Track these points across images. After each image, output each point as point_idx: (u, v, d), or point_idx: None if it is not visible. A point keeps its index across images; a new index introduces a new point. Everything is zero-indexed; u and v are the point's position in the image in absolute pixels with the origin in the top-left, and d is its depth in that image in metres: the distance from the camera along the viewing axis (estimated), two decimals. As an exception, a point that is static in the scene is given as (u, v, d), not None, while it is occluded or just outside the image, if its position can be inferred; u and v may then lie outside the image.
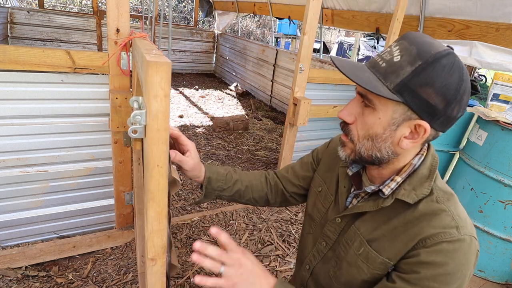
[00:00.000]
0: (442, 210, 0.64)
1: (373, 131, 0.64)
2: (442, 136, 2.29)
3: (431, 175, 0.67)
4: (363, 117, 0.65)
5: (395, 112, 0.62)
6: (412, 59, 0.59)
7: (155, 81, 0.49)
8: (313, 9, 2.05)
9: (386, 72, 0.61)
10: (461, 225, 0.63)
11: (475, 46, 2.65)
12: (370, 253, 0.70)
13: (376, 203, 0.70)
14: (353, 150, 0.69)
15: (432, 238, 0.62)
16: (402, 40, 0.62)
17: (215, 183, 0.90)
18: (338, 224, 0.79)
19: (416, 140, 0.64)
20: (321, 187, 0.90)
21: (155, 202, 0.57)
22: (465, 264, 0.61)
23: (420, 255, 0.62)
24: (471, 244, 0.62)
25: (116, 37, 1.47)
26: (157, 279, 0.64)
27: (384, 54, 0.63)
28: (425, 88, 0.58)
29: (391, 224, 0.68)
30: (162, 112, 0.52)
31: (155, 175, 0.55)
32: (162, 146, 0.54)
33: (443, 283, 0.60)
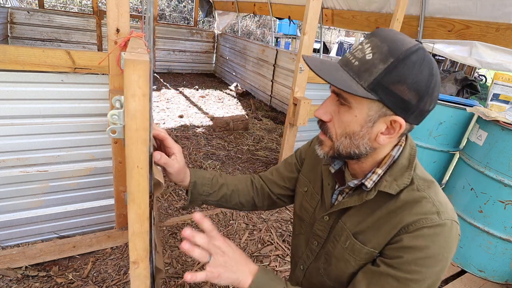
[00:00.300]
0: (423, 197, 0.66)
1: (350, 129, 0.65)
2: (442, 136, 2.29)
3: (411, 164, 0.69)
4: (339, 116, 0.66)
5: (371, 110, 0.63)
6: (384, 56, 0.59)
7: (132, 79, 0.48)
8: (313, 9, 2.05)
9: (359, 70, 0.61)
10: (441, 210, 0.64)
11: (475, 46, 2.65)
12: (356, 245, 0.71)
13: (360, 197, 0.71)
14: (331, 148, 0.70)
15: (413, 224, 0.63)
16: (372, 37, 0.62)
17: (200, 187, 0.89)
18: (326, 222, 0.80)
19: (392, 135, 0.65)
20: (306, 187, 0.91)
21: (136, 204, 0.56)
22: (446, 247, 0.62)
23: (403, 240, 0.64)
24: (452, 228, 0.64)
25: (116, 37, 1.47)
26: (140, 282, 0.63)
27: (356, 52, 0.63)
28: (398, 85, 0.59)
29: (375, 216, 0.70)
30: (141, 112, 0.50)
31: (134, 176, 0.54)
32: (141, 146, 0.52)
33: (425, 266, 0.61)
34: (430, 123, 2.29)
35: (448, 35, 2.91)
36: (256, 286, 0.67)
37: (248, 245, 2.10)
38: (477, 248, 2.00)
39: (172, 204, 2.45)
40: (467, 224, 2.02)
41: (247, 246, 2.09)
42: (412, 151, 0.71)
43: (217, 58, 7.25)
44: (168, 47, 6.64)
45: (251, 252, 2.05)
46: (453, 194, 2.16)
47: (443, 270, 0.63)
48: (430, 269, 0.62)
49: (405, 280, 0.62)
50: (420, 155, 2.38)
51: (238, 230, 2.23)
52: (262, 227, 2.28)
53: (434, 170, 2.43)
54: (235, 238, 2.15)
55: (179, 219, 2.25)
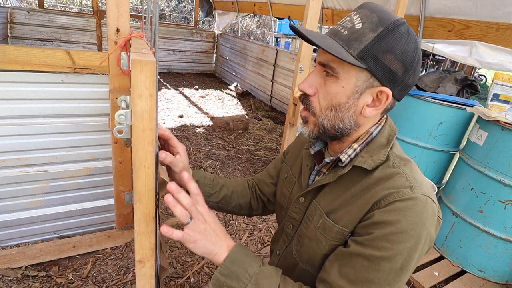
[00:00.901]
0: (397, 173, 0.64)
1: (336, 101, 0.64)
2: (442, 136, 2.29)
3: (388, 143, 0.68)
4: (325, 87, 0.65)
5: (359, 80, 0.62)
6: (374, 26, 0.59)
7: (139, 80, 0.48)
8: (313, 9, 2.05)
9: (349, 39, 0.60)
10: (415, 185, 0.62)
11: (475, 46, 2.65)
12: (327, 223, 0.69)
13: (335, 174, 0.70)
14: (315, 124, 0.68)
15: (385, 199, 0.61)
16: (361, 9, 0.62)
17: (202, 187, 0.89)
18: (302, 204, 0.78)
19: (378, 107, 0.65)
20: (286, 174, 0.90)
21: (142, 204, 0.56)
22: (419, 222, 0.59)
23: (374, 216, 0.61)
24: (426, 204, 0.61)
25: (116, 37, 1.47)
26: (146, 281, 0.63)
27: (345, 23, 0.63)
28: (386, 54, 0.60)
29: (348, 193, 0.68)
30: (148, 112, 0.51)
31: (141, 176, 0.54)
32: (148, 146, 0.53)
33: (395, 242, 0.58)
34: (430, 123, 2.29)
35: (448, 35, 2.91)
36: (231, 261, 0.63)
37: (248, 245, 2.10)
38: (477, 248, 2.00)
39: (172, 204, 2.45)
40: (467, 224, 2.02)
41: (247, 246, 2.09)
42: (392, 132, 0.70)
43: (217, 58, 7.25)
44: (168, 47, 6.64)
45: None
46: (453, 194, 2.16)
47: (416, 247, 0.59)
48: (401, 245, 0.58)
49: (375, 258, 0.59)
50: (420, 155, 2.38)
51: (238, 230, 2.23)
52: (262, 227, 2.28)
53: (434, 170, 2.43)
54: (235, 238, 2.15)
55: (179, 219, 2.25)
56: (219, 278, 0.63)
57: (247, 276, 0.63)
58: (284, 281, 0.66)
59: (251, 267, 0.64)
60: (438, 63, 8.44)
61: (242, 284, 0.62)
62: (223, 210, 0.97)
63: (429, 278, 1.97)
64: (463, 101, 2.22)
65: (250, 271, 0.64)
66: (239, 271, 0.63)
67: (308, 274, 0.75)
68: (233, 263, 0.63)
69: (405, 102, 2.38)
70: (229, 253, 0.64)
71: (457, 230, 2.10)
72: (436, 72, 2.50)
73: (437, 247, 2.25)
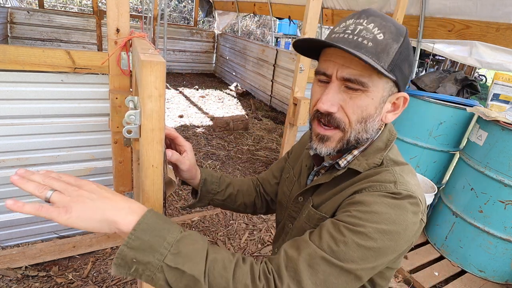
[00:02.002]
0: (385, 169, 0.65)
1: (367, 113, 0.64)
2: (442, 136, 2.29)
3: (386, 147, 0.69)
4: (351, 101, 0.62)
5: (385, 90, 0.63)
6: (395, 36, 0.60)
7: (149, 80, 0.49)
8: (313, 9, 2.04)
9: (376, 51, 0.59)
10: (400, 181, 0.62)
11: (475, 46, 2.65)
12: (310, 211, 0.72)
13: (331, 175, 0.71)
14: (341, 139, 0.66)
15: (367, 189, 0.62)
16: (371, 17, 0.61)
17: (209, 185, 0.89)
18: (300, 203, 0.80)
19: (397, 111, 0.68)
20: (288, 173, 0.91)
21: (150, 203, 0.57)
22: (396, 210, 0.58)
23: (354, 198, 0.62)
24: (408, 199, 0.60)
25: (116, 37, 1.47)
26: None
27: (362, 33, 0.59)
28: (405, 63, 0.62)
29: (338, 188, 0.69)
30: (157, 112, 0.51)
31: (150, 175, 0.55)
32: (157, 146, 0.53)
33: (368, 221, 0.57)
34: (430, 123, 2.29)
35: (448, 35, 2.91)
36: (143, 229, 0.49)
37: (248, 245, 2.10)
38: (477, 248, 2.00)
39: (172, 204, 2.45)
40: (467, 224, 2.02)
41: (247, 246, 2.09)
42: (391, 137, 0.71)
43: (217, 58, 7.25)
44: (168, 47, 6.64)
45: (251, 252, 2.04)
46: (453, 194, 2.16)
47: (392, 236, 0.56)
48: (373, 225, 0.56)
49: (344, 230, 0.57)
50: (420, 155, 2.38)
51: (238, 230, 2.23)
52: (262, 227, 2.28)
53: (434, 170, 2.43)
54: (235, 238, 2.15)
55: (179, 219, 2.25)
56: (126, 253, 0.48)
57: (165, 244, 0.49)
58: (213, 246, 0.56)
59: (170, 234, 0.51)
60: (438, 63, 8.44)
61: (159, 255, 0.49)
62: (228, 208, 0.97)
63: (429, 278, 1.97)
64: (463, 101, 2.22)
65: (169, 238, 0.50)
66: (155, 240, 0.49)
67: None
68: (145, 231, 0.49)
69: (405, 102, 2.38)
70: (139, 219, 0.50)
71: (457, 230, 2.10)
72: (436, 72, 2.50)
73: (437, 247, 2.25)
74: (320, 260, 0.55)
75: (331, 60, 0.62)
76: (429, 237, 2.35)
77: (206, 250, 0.53)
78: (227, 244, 2.09)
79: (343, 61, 0.60)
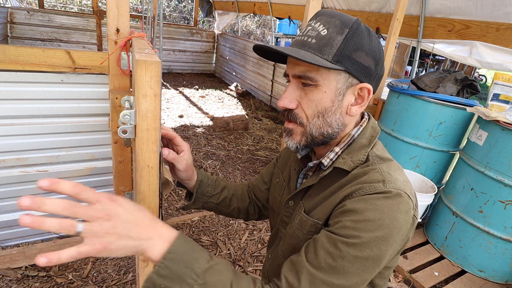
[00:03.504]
0: (372, 169, 0.65)
1: (322, 107, 0.65)
2: (442, 136, 2.29)
3: (370, 144, 0.69)
4: (306, 97, 0.65)
5: (338, 82, 0.64)
6: (339, 29, 0.62)
7: (144, 80, 0.49)
8: (313, 9, 2.04)
9: (319, 46, 0.62)
10: (388, 180, 0.62)
11: (475, 46, 2.65)
12: (303, 218, 0.71)
13: (318, 176, 0.71)
14: (303, 134, 0.68)
15: (357, 192, 0.62)
16: (319, 16, 0.64)
17: (205, 187, 0.88)
18: (291, 207, 0.79)
19: (362, 104, 0.67)
20: (278, 178, 0.90)
21: (146, 203, 0.57)
22: (389, 213, 0.58)
23: (345, 205, 0.62)
24: (398, 198, 0.60)
25: (116, 37, 1.47)
26: None
27: (308, 32, 0.64)
28: (358, 52, 0.62)
29: (328, 191, 0.69)
30: (152, 112, 0.51)
31: (145, 176, 0.54)
32: (152, 146, 0.53)
33: (362, 230, 0.57)
34: (430, 123, 2.29)
35: (448, 35, 2.91)
36: (172, 259, 0.50)
37: (248, 245, 2.10)
38: (477, 248, 2.00)
39: (172, 204, 2.45)
40: (467, 224, 2.02)
41: (247, 246, 2.09)
42: (374, 133, 0.71)
43: (217, 58, 7.25)
44: (168, 47, 6.64)
45: (251, 252, 2.04)
46: (453, 194, 2.16)
47: (386, 239, 0.57)
48: (368, 234, 0.57)
49: (340, 244, 0.57)
50: (420, 155, 2.38)
51: (238, 230, 2.23)
52: (262, 227, 2.28)
53: (434, 170, 2.43)
54: (235, 238, 2.15)
55: (179, 219, 2.25)
56: (155, 280, 0.50)
57: (193, 276, 0.51)
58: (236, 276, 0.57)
59: (198, 264, 0.52)
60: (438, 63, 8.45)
61: (186, 285, 0.51)
62: (222, 212, 0.96)
63: (429, 278, 1.97)
64: (463, 101, 2.22)
65: (197, 269, 0.52)
66: (183, 271, 0.51)
67: None
68: (174, 261, 0.50)
69: (405, 102, 2.38)
70: (169, 247, 0.51)
71: (457, 230, 2.10)
72: (436, 72, 2.50)
73: (437, 247, 2.25)
74: (322, 285, 0.57)
75: (289, 61, 0.67)
76: (429, 237, 2.35)
77: (231, 282, 0.55)
78: (227, 244, 2.09)
79: (294, 60, 0.64)
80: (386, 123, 2.60)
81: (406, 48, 6.03)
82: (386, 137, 2.56)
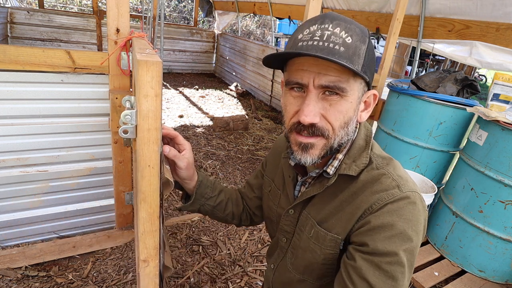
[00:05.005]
0: (382, 174, 0.65)
1: (348, 117, 0.63)
2: (442, 136, 2.29)
3: (368, 145, 0.69)
4: (332, 108, 0.61)
5: (359, 91, 0.64)
6: (361, 37, 0.60)
7: (145, 80, 0.49)
8: (313, 9, 2.04)
9: (349, 55, 0.58)
10: (401, 183, 0.63)
11: (475, 46, 2.65)
12: (320, 233, 0.70)
13: (322, 185, 0.70)
14: (325, 147, 0.65)
15: (376, 203, 0.62)
16: (335, 20, 0.60)
17: (204, 188, 0.88)
18: (292, 216, 0.78)
19: (369, 109, 0.69)
20: (270, 187, 0.89)
21: (147, 203, 0.57)
22: (414, 219, 0.61)
23: (370, 222, 0.62)
24: (416, 200, 0.62)
25: (116, 37, 1.47)
26: (149, 280, 0.63)
27: (331, 38, 0.58)
28: (372, 62, 0.63)
29: (337, 200, 0.68)
30: (153, 112, 0.51)
31: (146, 176, 0.55)
32: (153, 146, 0.53)
33: (398, 244, 0.59)
34: (430, 123, 2.29)
35: (448, 35, 2.91)
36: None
37: (248, 245, 2.10)
38: (477, 248, 2.00)
39: (172, 204, 2.45)
40: (467, 224, 2.02)
41: (247, 246, 2.09)
42: (368, 132, 0.72)
43: (217, 58, 7.25)
44: (168, 47, 6.64)
45: (251, 252, 2.05)
46: (453, 194, 2.16)
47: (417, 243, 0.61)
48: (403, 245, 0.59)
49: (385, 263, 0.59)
50: (420, 155, 2.38)
51: (238, 230, 2.23)
52: (262, 227, 2.28)
53: (434, 170, 2.43)
54: (235, 238, 2.15)
55: (179, 219, 2.25)
56: None
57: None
58: None
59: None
60: (438, 63, 8.45)
61: None
62: (216, 216, 0.95)
63: (429, 278, 1.97)
64: (463, 101, 2.22)
65: None
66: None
67: (307, 284, 0.76)
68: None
69: (405, 102, 2.38)
70: None
71: (457, 230, 2.10)
72: (436, 72, 2.50)
73: (437, 247, 2.25)
74: None
75: (305, 69, 0.60)
76: (429, 237, 2.35)
77: None
78: (227, 244, 2.09)
79: (318, 69, 0.58)
80: (386, 123, 2.60)
81: (406, 48, 6.03)
82: (386, 137, 2.55)
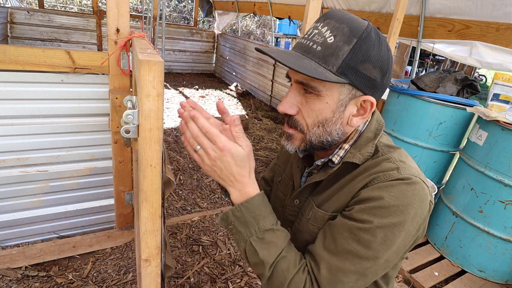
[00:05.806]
0: (384, 159, 0.65)
1: (322, 117, 0.63)
2: (442, 136, 2.29)
3: (376, 137, 0.68)
4: (308, 105, 0.63)
5: (341, 94, 0.62)
6: (347, 38, 0.58)
7: (147, 80, 0.49)
8: (313, 9, 2.04)
9: (324, 55, 0.58)
10: (402, 167, 0.62)
11: (475, 46, 2.65)
12: (318, 213, 0.70)
13: (326, 172, 0.70)
14: (302, 140, 0.67)
15: (372, 182, 0.62)
16: (327, 19, 0.60)
17: None
18: (297, 206, 0.78)
19: (364, 115, 0.66)
20: (280, 177, 0.89)
21: (149, 203, 0.57)
22: (404, 200, 0.58)
23: (360, 194, 0.62)
24: (414, 183, 0.60)
25: (116, 37, 1.47)
26: (151, 280, 0.63)
27: (314, 37, 0.60)
28: (364, 64, 0.59)
29: (338, 184, 0.69)
30: (155, 111, 0.52)
31: (148, 175, 0.55)
32: (155, 145, 0.54)
33: (376, 216, 0.58)
34: (430, 123, 2.29)
35: (448, 35, 2.91)
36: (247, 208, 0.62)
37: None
38: (477, 248, 2.00)
39: (172, 204, 2.45)
40: (467, 224, 2.02)
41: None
42: (379, 126, 0.70)
43: (217, 58, 7.25)
44: (168, 47, 6.64)
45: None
46: (453, 194, 2.16)
47: (402, 225, 0.58)
48: (382, 219, 0.58)
49: (355, 229, 0.59)
50: (420, 155, 2.38)
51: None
52: (262, 227, 2.28)
53: (434, 170, 2.43)
54: (235, 238, 2.15)
55: (179, 219, 2.25)
56: (230, 217, 0.63)
57: (256, 228, 0.63)
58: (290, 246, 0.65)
59: (264, 222, 0.63)
60: (438, 63, 8.45)
61: (248, 232, 0.62)
62: None
63: (429, 278, 1.97)
64: (463, 101, 2.22)
65: (261, 225, 0.63)
66: (250, 220, 0.62)
67: None
68: (248, 210, 0.62)
69: (405, 102, 2.38)
70: (249, 199, 0.63)
71: (457, 230, 2.10)
72: (436, 72, 2.50)
73: (437, 247, 2.25)
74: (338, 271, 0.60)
75: None
76: (429, 237, 2.35)
77: (282, 248, 0.63)
78: (227, 244, 2.08)
79: None
80: (386, 123, 2.60)
81: (406, 48, 6.03)
82: (386, 137, 2.56)
